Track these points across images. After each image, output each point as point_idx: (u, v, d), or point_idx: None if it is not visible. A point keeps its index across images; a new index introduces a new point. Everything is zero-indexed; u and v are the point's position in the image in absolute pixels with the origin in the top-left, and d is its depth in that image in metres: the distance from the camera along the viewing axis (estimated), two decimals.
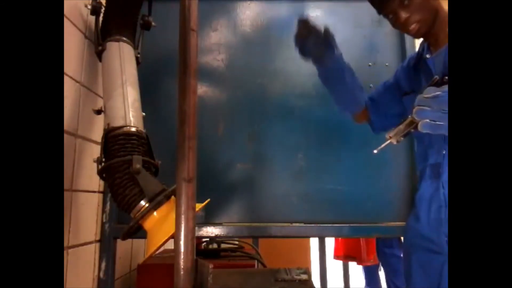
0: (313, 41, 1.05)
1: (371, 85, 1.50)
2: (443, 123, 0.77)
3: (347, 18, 1.57)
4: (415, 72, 1.08)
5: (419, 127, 0.80)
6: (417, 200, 1.04)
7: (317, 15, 1.59)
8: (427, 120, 0.78)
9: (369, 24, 1.56)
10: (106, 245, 1.35)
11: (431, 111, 0.78)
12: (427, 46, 1.04)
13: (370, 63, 1.53)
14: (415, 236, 1.02)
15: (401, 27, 0.99)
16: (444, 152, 0.95)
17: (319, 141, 1.48)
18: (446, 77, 0.87)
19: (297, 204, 1.44)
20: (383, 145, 0.91)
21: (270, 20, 1.57)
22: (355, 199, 1.43)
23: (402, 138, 0.89)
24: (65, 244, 1.10)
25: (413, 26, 0.97)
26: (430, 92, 0.78)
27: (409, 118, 0.86)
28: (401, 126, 0.88)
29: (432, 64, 0.99)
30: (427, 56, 1.01)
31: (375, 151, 0.92)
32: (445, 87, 0.77)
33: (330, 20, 1.57)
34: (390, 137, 0.89)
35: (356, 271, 3.17)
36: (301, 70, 1.53)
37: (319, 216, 1.42)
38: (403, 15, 0.95)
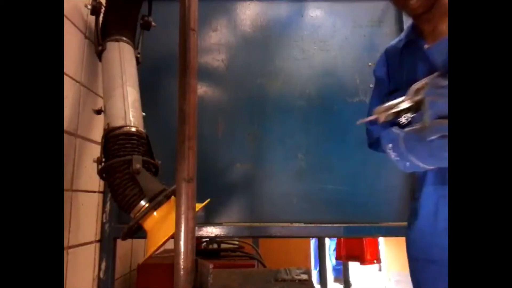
0: None
1: (371, 85, 1.50)
2: None
3: (347, 18, 1.57)
4: (400, 63, 1.01)
5: (428, 116, 0.73)
6: (419, 209, 0.96)
7: (317, 15, 1.59)
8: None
9: (368, 24, 1.56)
10: (106, 245, 1.34)
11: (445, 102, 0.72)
12: (418, 33, 0.97)
13: (370, 63, 1.53)
14: (421, 249, 0.94)
15: (401, 1, 0.93)
16: None
17: (319, 141, 1.48)
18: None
19: (297, 204, 1.44)
20: (367, 119, 0.88)
21: (270, 20, 1.57)
22: (355, 199, 1.43)
23: (389, 119, 0.84)
24: (65, 244, 1.10)
25: (413, 1, 0.89)
26: (439, 82, 0.73)
27: (407, 101, 0.79)
28: (396, 110, 0.81)
29: (432, 53, 0.91)
30: (425, 46, 0.93)
31: (358, 122, 0.90)
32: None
33: (330, 20, 1.58)
34: (379, 113, 0.84)
35: (357, 271, 3.17)
36: (301, 70, 1.53)
37: (319, 216, 1.42)
38: None
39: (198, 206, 0.77)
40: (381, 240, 4.84)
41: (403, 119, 0.84)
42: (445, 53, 0.87)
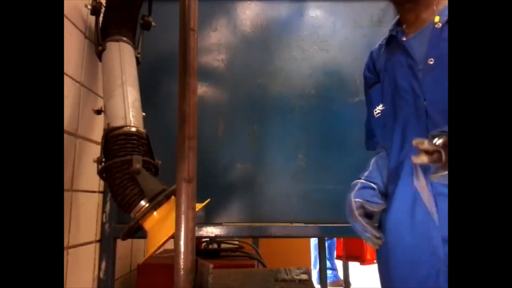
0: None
1: None
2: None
3: (347, 18, 1.57)
4: (384, 60, 1.01)
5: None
6: (391, 203, 0.94)
7: (317, 15, 1.59)
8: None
9: (369, 24, 1.56)
10: (106, 245, 1.34)
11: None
12: (400, 29, 0.98)
13: None
14: (394, 247, 0.92)
15: None
16: None
17: (319, 141, 1.48)
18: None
19: (297, 204, 1.44)
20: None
21: (270, 20, 1.57)
22: None
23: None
24: (65, 244, 1.10)
25: None
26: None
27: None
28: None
29: (409, 45, 0.93)
30: (403, 39, 0.95)
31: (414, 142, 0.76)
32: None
33: (330, 20, 1.58)
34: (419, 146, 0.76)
35: (356, 271, 3.17)
36: (301, 70, 1.53)
37: (319, 216, 1.42)
38: None
39: (198, 206, 0.77)
40: None
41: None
42: (422, 44, 0.90)
